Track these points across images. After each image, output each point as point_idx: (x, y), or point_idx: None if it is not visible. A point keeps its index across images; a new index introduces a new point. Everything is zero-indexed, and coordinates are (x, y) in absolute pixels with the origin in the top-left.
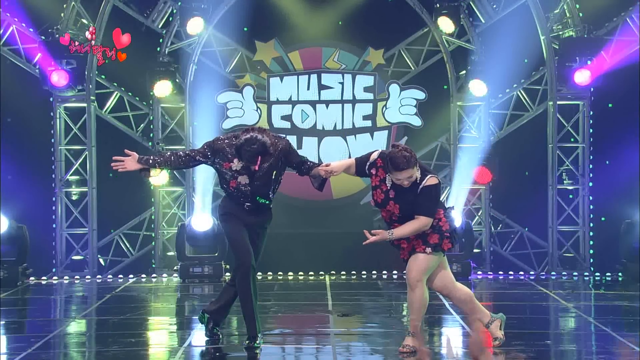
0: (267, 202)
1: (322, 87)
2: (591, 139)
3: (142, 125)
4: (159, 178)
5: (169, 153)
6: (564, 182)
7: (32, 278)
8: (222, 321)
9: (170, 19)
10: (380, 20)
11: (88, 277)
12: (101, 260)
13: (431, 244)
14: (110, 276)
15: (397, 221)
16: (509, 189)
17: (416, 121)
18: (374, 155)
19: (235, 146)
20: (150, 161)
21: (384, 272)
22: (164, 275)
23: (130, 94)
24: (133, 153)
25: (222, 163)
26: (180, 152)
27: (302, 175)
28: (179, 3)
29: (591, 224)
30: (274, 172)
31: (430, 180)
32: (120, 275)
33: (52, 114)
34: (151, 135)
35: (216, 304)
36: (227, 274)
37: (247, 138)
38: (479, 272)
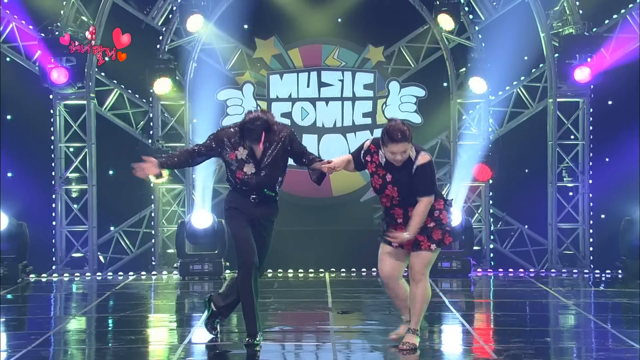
0: (273, 194)
1: (322, 84)
2: (591, 136)
3: (142, 123)
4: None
5: (178, 151)
6: (564, 179)
7: (32, 275)
8: (229, 316)
9: (170, 16)
10: (380, 18)
11: (88, 274)
12: (101, 258)
13: (435, 240)
14: (110, 273)
15: (397, 205)
16: (509, 187)
17: (416, 118)
18: (367, 143)
19: (239, 127)
20: (169, 162)
21: None
22: (164, 272)
23: (130, 91)
24: (151, 158)
25: (228, 153)
26: (190, 149)
27: (302, 165)
28: (179, 0)
29: (591, 222)
30: (279, 160)
31: (422, 158)
32: (120, 273)
33: (51, 111)
34: (151, 132)
35: (226, 299)
36: (227, 271)
37: (251, 117)
38: (479, 270)
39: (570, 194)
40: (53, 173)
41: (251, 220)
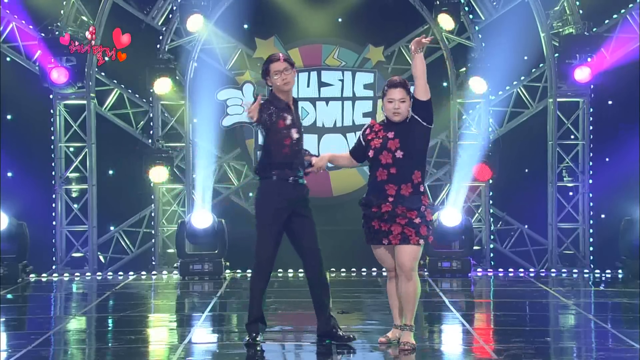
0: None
1: (322, 84)
2: (591, 136)
3: (142, 123)
4: (159, 175)
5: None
6: (564, 179)
7: (32, 275)
8: (327, 324)
9: (170, 16)
10: (380, 18)
11: (88, 274)
12: (101, 258)
13: (423, 235)
14: (110, 273)
15: (395, 176)
16: (509, 186)
17: None
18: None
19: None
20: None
21: (384, 269)
22: (164, 272)
23: (130, 91)
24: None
25: (277, 122)
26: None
27: None
28: (179, 0)
29: (591, 221)
30: (301, 126)
31: None
32: (120, 273)
33: (52, 111)
34: (151, 132)
35: (318, 316)
36: (227, 271)
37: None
38: (479, 269)
39: (570, 193)
40: (53, 173)
41: (291, 214)
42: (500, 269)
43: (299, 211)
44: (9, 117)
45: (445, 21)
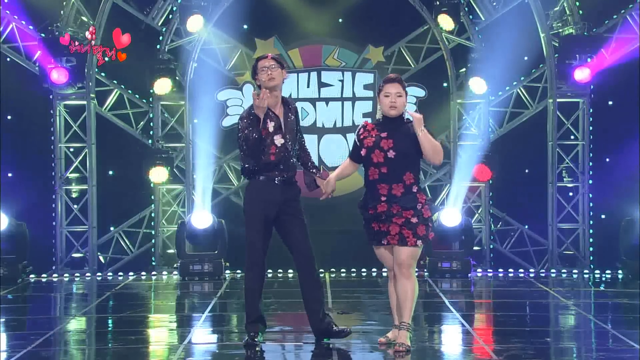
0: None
1: (322, 84)
2: (591, 137)
3: (142, 123)
4: (159, 176)
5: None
6: (564, 179)
7: (32, 275)
8: (322, 322)
9: (170, 16)
10: (380, 18)
11: (88, 274)
12: (101, 258)
13: (421, 236)
14: (110, 274)
15: (386, 176)
16: (509, 187)
17: None
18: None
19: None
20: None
21: (384, 269)
22: (164, 272)
23: (130, 91)
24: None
25: (261, 130)
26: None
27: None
28: (179, 0)
29: (591, 222)
30: (294, 131)
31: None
32: (120, 273)
33: (52, 111)
34: (151, 132)
35: (309, 316)
36: (227, 271)
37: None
38: (479, 270)
39: (570, 194)
40: (53, 173)
41: (277, 212)
42: (500, 270)
43: (287, 211)
44: (9, 117)
45: (445, 21)
